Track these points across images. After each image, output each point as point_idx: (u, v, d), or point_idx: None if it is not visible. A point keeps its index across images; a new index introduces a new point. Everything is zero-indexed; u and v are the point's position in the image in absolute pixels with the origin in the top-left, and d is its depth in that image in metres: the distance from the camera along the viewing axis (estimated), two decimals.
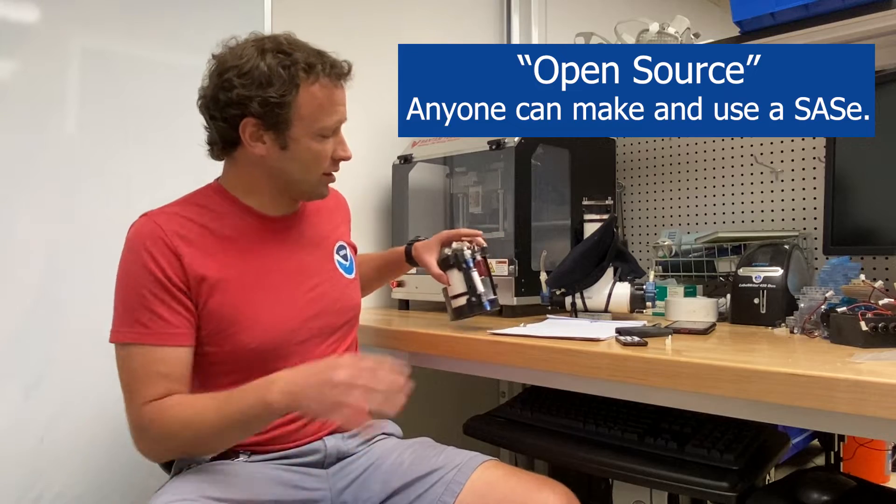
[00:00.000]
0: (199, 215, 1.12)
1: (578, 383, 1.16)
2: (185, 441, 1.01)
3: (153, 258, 1.04)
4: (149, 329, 1.03)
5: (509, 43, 2.51)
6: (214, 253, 1.10)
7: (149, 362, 1.02)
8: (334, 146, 1.14)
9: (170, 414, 1.00)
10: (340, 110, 1.13)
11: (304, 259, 1.20)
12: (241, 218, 1.15)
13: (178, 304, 1.05)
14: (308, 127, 1.09)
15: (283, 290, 1.15)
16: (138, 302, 1.04)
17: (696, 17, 1.93)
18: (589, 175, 1.83)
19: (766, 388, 0.90)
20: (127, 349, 1.04)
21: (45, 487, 1.42)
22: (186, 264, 1.05)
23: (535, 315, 1.56)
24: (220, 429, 0.99)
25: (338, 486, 1.15)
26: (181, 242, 1.06)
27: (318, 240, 1.25)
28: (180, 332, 1.05)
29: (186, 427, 0.99)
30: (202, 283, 1.06)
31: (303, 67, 1.07)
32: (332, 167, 1.16)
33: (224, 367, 1.10)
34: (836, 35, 1.39)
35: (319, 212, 1.28)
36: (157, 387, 1.01)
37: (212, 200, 1.15)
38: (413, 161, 1.89)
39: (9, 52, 1.39)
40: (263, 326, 1.11)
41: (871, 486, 1.21)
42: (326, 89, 1.09)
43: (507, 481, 1.09)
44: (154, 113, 1.58)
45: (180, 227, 1.08)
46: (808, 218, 1.68)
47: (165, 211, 1.11)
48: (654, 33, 1.78)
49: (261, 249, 1.15)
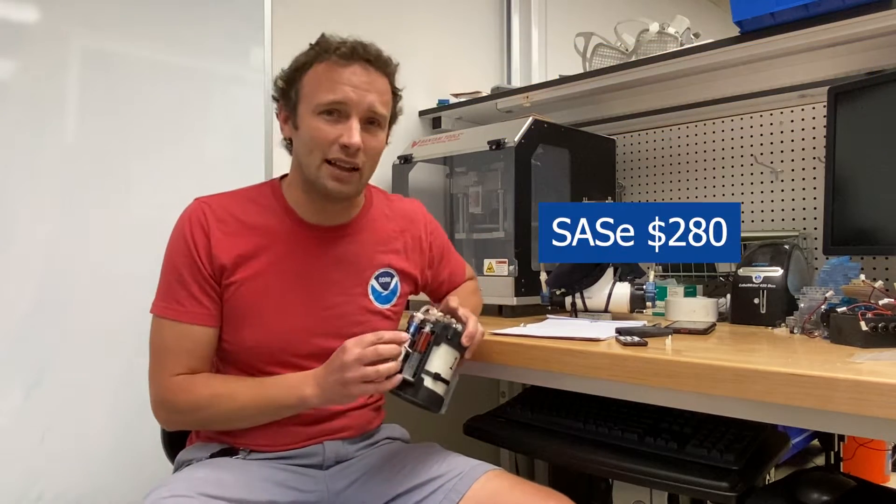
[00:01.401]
0: (244, 210, 1.15)
1: (578, 383, 1.16)
2: (210, 415, 1.08)
3: (192, 237, 1.10)
4: (184, 307, 1.09)
5: (509, 43, 2.51)
6: (242, 244, 1.13)
7: (181, 338, 1.09)
8: (342, 131, 1.08)
9: (200, 387, 1.07)
10: (344, 89, 1.07)
11: (331, 276, 1.17)
12: (280, 218, 1.16)
13: (210, 288, 1.11)
14: (308, 104, 1.10)
15: (299, 300, 1.14)
16: (177, 280, 1.10)
17: (696, 17, 1.93)
18: (589, 175, 1.83)
19: (766, 388, 0.90)
20: (162, 322, 1.10)
21: (45, 487, 1.42)
22: (214, 248, 1.10)
23: (535, 315, 1.56)
24: (250, 410, 1.07)
25: (335, 487, 1.14)
26: (216, 228, 1.12)
27: (358, 260, 1.20)
28: (211, 315, 1.11)
29: (215, 400, 1.07)
30: (223, 272, 1.11)
31: (319, 51, 1.10)
32: (339, 153, 1.08)
33: (225, 360, 1.15)
34: (836, 35, 1.40)
35: (377, 230, 1.24)
36: (184, 362, 1.09)
37: (263, 196, 1.18)
38: (413, 161, 1.89)
39: (9, 52, 1.39)
40: (267, 329, 1.12)
41: (871, 486, 1.21)
42: (332, 67, 1.08)
43: (510, 492, 1.07)
44: (154, 113, 1.58)
45: (222, 214, 1.13)
46: (808, 218, 1.68)
47: (216, 197, 1.16)
48: (654, 33, 1.78)
49: (290, 254, 1.15)
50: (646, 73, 1.71)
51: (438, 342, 1.06)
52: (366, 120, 1.10)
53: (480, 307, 1.44)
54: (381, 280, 1.23)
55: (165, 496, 0.96)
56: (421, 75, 2.23)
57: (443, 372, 1.05)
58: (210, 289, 1.11)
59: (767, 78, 1.66)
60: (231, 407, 1.07)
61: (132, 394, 1.49)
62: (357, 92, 1.08)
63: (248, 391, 1.07)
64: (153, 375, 1.10)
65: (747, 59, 1.58)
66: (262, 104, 1.74)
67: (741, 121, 1.80)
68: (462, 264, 1.43)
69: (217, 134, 1.68)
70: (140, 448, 1.50)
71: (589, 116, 2.04)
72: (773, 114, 1.74)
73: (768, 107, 1.74)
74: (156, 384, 1.10)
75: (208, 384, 1.08)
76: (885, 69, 1.44)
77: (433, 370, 1.04)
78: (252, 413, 1.08)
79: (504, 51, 2.52)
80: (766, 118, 1.76)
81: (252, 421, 1.10)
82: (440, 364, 1.06)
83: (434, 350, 1.05)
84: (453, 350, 1.08)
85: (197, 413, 1.08)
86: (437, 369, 1.05)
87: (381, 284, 1.22)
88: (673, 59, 1.65)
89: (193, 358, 1.09)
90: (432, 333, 1.06)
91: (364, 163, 1.12)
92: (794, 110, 1.70)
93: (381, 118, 1.13)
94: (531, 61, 2.54)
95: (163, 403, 1.09)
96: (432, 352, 1.05)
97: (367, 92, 1.09)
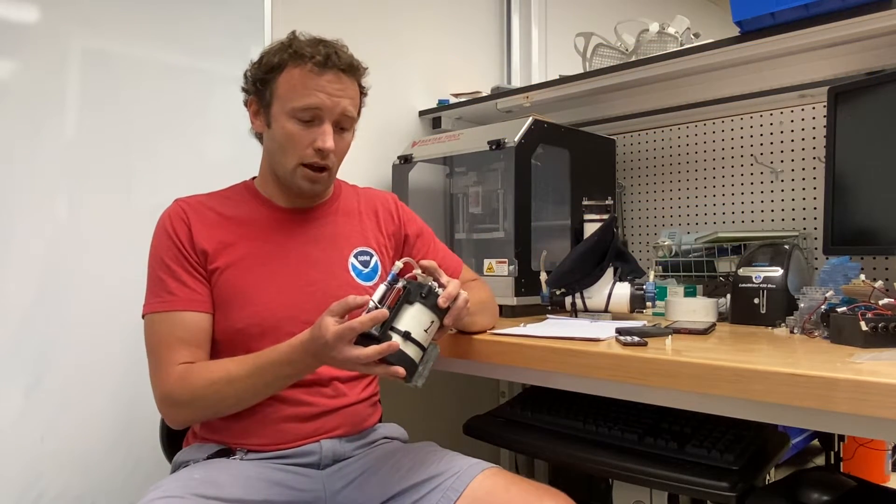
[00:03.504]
0: (221, 204, 1.22)
1: (578, 383, 1.16)
2: (213, 402, 1.08)
3: (174, 229, 1.15)
4: (175, 296, 1.12)
5: (509, 43, 2.51)
6: (221, 234, 1.18)
7: (174, 328, 1.11)
8: (315, 135, 1.14)
9: (197, 377, 1.07)
10: (319, 96, 1.13)
11: (311, 253, 1.22)
12: (255, 208, 1.23)
13: (197, 273, 1.14)
14: (283, 106, 1.15)
15: (281, 278, 1.17)
16: (164, 272, 1.13)
17: (696, 17, 1.93)
18: (589, 175, 1.83)
19: (766, 388, 0.90)
20: (154, 318, 1.12)
21: (45, 487, 1.42)
22: (195, 236, 1.15)
23: (535, 315, 1.56)
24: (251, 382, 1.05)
25: (333, 487, 1.14)
26: (196, 220, 1.17)
27: (335, 239, 1.25)
28: (202, 299, 1.14)
29: (214, 387, 1.06)
30: (206, 257, 1.15)
31: (293, 53, 1.14)
32: (313, 157, 1.16)
33: (218, 350, 1.15)
34: (836, 35, 1.39)
35: (350, 213, 1.30)
36: (180, 353, 1.10)
37: (237, 193, 1.26)
38: (413, 161, 1.89)
39: (9, 52, 1.39)
40: (254, 309, 1.14)
41: (871, 486, 1.21)
42: (307, 74, 1.14)
43: (506, 490, 1.07)
44: (154, 113, 1.58)
45: (200, 209, 1.19)
46: (808, 218, 1.68)
47: (193, 196, 1.22)
48: (654, 33, 1.78)
49: (268, 237, 1.20)
50: (646, 73, 1.71)
51: (411, 300, 1.00)
52: (337, 123, 1.17)
53: (489, 306, 1.35)
54: (360, 259, 1.27)
55: (159, 497, 0.96)
56: (421, 75, 2.23)
57: (413, 331, 0.98)
58: (198, 273, 1.14)
59: (767, 78, 1.66)
60: (231, 389, 1.06)
61: (132, 394, 1.50)
62: (332, 99, 1.15)
63: (244, 365, 1.06)
64: (153, 374, 1.11)
65: (747, 59, 1.58)
66: None
67: (741, 121, 1.80)
68: (456, 261, 1.40)
69: (217, 134, 1.68)
70: (140, 448, 1.50)
71: (589, 116, 2.04)
72: (773, 114, 1.74)
73: (768, 107, 1.74)
74: (156, 381, 1.11)
75: (203, 373, 1.07)
76: (885, 69, 1.44)
77: (402, 328, 0.98)
78: (254, 384, 1.06)
79: (504, 51, 2.52)
80: (766, 118, 1.76)
81: (255, 395, 1.08)
82: (412, 323, 0.99)
83: (406, 308, 0.99)
84: (429, 311, 1.01)
85: (199, 402, 1.08)
86: (406, 327, 0.98)
87: (360, 262, 1.26)
88: (673, 59, 1.65)
89: (189, 346, 1.10)
90: (405, 289, 1.00)
91: (334, 163, 1.20)
92: (794, 110, 1.70)
93: (351, 121, 1.21)
94: (531, 61, 2.54)
95: (165, 400, 1.10)
96: (403, 309, 0.99)
97: (340, 98, 1.16)
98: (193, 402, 1.08)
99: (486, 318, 1.31)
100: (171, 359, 1.09)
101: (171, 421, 1.13)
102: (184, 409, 1.10)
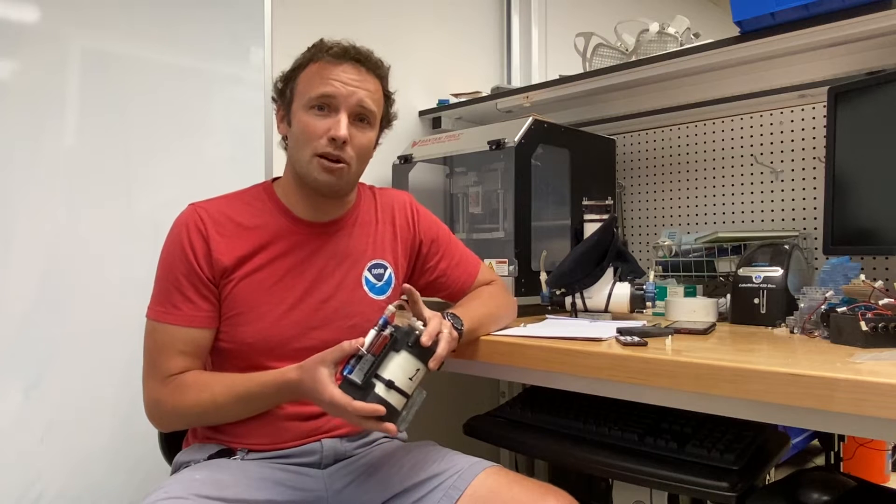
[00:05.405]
0: (239, 212, 1.17)
1: (578, 383, 1.16)
2: (197, 421, 1.13)
3: (190, 243, 1.12)
4: (180, 311, 1.11)
5: (509, 43, 2.51)
6: (240, 247, 1.15)
7: (174, 340, 1.11)
8: (330, 124, 1.12)
9: (185, 396, 1.08)
10: (334, 84, 1.12)
11: (326, 269, 1.19)
12: (276, 218, 1.19)
13: (207, 291, 1.12)
14: (301, 100, 1.14)
15: (295, 294, 1.16)
16: (174, 285, 1.12)
17: (696, 17, 1.93)
18: (589, 175, 1.83)
19: (765, 388, 0.90)
20: (156, 325, 1.12)
21: (45, 487, 1.42)
22: (214, 252, 1.12)
23: (535, 315, 1.56)
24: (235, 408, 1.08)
25: (335, 486, 1.14)
26: (214, 232, 1.13)
27: (351, 253, 1.23)
28: (206, 316, 1.13)
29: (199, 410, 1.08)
30: (224, 273, 1.13)
31: (314, 50, 1.15)
32: (327, 147, 1.12)
33: (225, 359, 1.15)
34: (836, 35, 1.40)
35: (367, 223, 1.26)
36: (177, 361, 1.10)
37: (257, 198, 1.21)
38: (413, 161, 1.89)
39: (9, 52, 1.39)
40: (265, 324, 1.13)
41: (871, 486, 1.21)
42: (324, 65, 1.13)
43: (509, 489, 1.07)
44: (154, 113, 1.58)
45: (219, 218, 1.15)
46: (808, 218, 1.68)
47: (210, 202, 1.18)
48: (654, 33, 1.78)
49: (286, 251, 1.18)
50: (646, 73, 1.71)
51: (398, 348, 0.98)
52: (355, 116, 1.14)
53: (494, 316, 1.31)
54: (373, 272, 1.25)
55: (162, 498, 0.96)
56: (421, 75, 2.23)
57: (398, 380, 0.97)
58: (208, 292, 1.12)
59: (767, 78, 1.66)
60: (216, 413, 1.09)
61: (132, 394, 1.49)
62: (346, 87, 1.12)
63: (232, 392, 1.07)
64: (146, 376, 1.12)
65: (747, 59, 1.58)
66: (262, 104, 1.74)
67: (741, 121, 1.80)
68: (471, 266, 1.37)
69: (217, 134, 1.68)
70: (140, 448, 1.50)
71: (589, 116, 2.04)
72: (773, 114, 1.74)
73: (768, 107, 1.74)
74: (148, 385, 1.12)
75: (191, 393, 1.08)
76: (885, 69, 1.44)
77: (386, 376, 0.96)
78: (239, 411, 1.10)
79: (504, 51, 2.52)
80: (766, 118, 1.76)
81: (239, 416, 1.11)
82: (396, 372, 0.97)
83: (391, 355, 0.98)
84: (414, 360, 0.99)
85: (184, 418, 1.12)
86: (391, 376, 0.97)
87: (374, 276, 1.25)
88: (673, 59, 1.65)
89: (186, 357, 1.11)
90: (391, 336, 0.99)
91: (352, 158, 1.14)
92: (794, 110, 1.70)
93: (371, 115, 1.16)
94: (531, 61, 2.54)
95: (153, 405, 1.11)
96: (389, 357, 0.98)
97: (356, 88, 1.13)
98: (178, 417, 1.11)
99: (496, 327, 1.30)
100: (167, 367, 1.10)
101: (157, 425, 1.15)
102: (167, 419, 1.12)
